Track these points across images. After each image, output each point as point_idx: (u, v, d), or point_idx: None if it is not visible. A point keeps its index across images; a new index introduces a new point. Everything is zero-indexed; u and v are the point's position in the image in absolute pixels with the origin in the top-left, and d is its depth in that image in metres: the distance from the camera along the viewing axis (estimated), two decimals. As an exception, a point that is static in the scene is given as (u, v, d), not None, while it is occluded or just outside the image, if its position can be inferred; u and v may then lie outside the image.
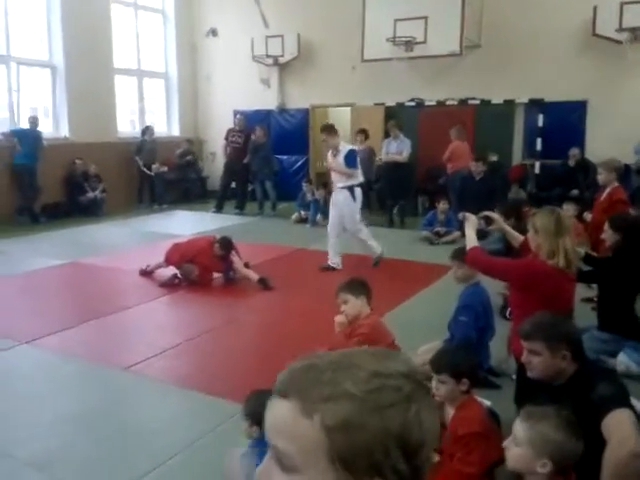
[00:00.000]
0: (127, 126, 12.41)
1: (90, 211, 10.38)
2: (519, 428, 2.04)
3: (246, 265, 6.29)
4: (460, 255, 3.69)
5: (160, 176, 11.43)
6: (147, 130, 11.47)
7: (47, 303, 5.66)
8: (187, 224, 9.64)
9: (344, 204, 6.61)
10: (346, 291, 3.40)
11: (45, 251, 7.67)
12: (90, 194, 10.50)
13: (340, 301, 3.40)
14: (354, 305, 3.36)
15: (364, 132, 9.82)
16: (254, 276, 6.07)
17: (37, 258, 7.22)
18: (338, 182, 6.66)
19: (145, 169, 11.24)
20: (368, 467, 0.69)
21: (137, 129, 12.25)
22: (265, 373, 3.83)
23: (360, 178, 6.71)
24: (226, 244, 6.16)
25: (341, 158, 6.50)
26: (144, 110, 12.63)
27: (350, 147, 6.69)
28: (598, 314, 4.11)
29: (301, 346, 3.99)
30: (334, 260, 6.70)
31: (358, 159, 6.69)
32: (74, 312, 5.35)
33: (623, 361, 3.72)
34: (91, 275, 6.66)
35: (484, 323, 3.73)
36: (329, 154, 6.74)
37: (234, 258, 6.20)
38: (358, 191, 6.63)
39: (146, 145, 11.33)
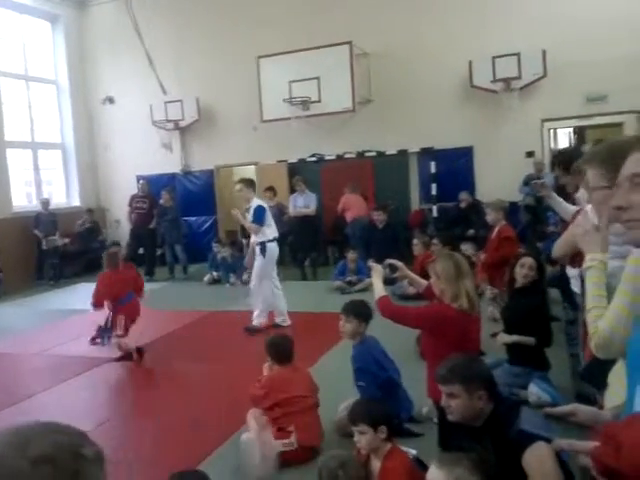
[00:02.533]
0: (23, 199, 11.90)
1: (-15, 292, 9.76)
2: (436, 474, 2.10)
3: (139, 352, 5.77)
4: (348, 309, 3.71)
5: (59, 249, 10.96)
6: (43, 202, 11.06)
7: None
8: (89, 297, 9.24)
9: (256, 260, 6.59)
10: (267, 352, 3.75)
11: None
12: (-15, 274, 9.90)
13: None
14: (268, 364, 3.79)
15: (272, 189, 10.03)
16: (131, 345, 5.71)
17: None
18: (252, 238, 6.67)
19: (44, 242, 10.77)
20: None
21: (34, 202, 11.79)
22: (186, 449, 3.75)
23: (270, 234, 6.61)
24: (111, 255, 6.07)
25: (250, 216, 6.53)
26: (40, 182, 12.20)
27: (258, 203, 6.61)
28: (507, 349, 4.32)
29: (224, 416, 3.94)
30: (258, 319, 6.57)
31: (268, 215, 6.61)
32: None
33: (534, 392, 3.91)
34: (-9, 362, 6.21)
35: (385, 377, 3.69)
36: (239, 214, 6.70)
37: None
38: (270, 246, 6.54)
39: (44, 217, 10.90)
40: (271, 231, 6.63)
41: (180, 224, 10.97)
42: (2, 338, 7.08)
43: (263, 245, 6.52)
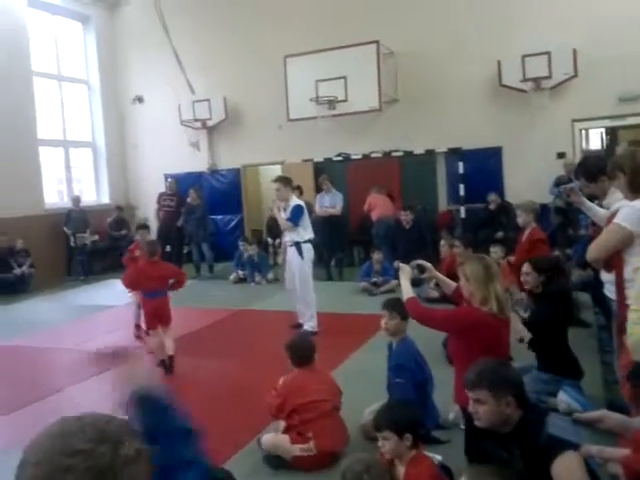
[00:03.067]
0: (54, 197, 12.13)
1: (17, 288, 9.96)
2: None
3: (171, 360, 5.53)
4: (392, 305, 3.69)
5: (87, 246, 11.13)
6: (74, 200, 11.25)
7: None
8: (120, 293, 9.37)
9: (293, 262, 6.41)
10: (287, 354, 3.67)
11: (-29, 335, 7.26)
12: (17, 270, 10.09)
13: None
14: (289, 365, 3.68)
15: (299, 188, 9.99)
16: (169, 348, 5.47)
17: (-38, 343, 6.82)
18: (286, 238, 6.56)
19: (72, 239, 10.95)
20: None
21: (65, 199, 12.00)
22: (212, 447, 3.76)
23: (307, 235, 6.43)
24: (151, 244, 5.84)
25: (287, 213, 6.33)
26: (71, 180, 12.41)
27: (297, 202, 6.43)
28: (536, 355, 4.22)
29: (249, 415, 3.95)
30: (310, 323, 6.39)
31: (305, 216, 6.44)
32: (3, 400, 5.05)
33: (563, 400, 3.82)
34: (21, 357, 6.33)
35: (421, 378, 3.68)
36: (276, 208, 6.52)
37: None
38: (306, 247, 6.37)
39: (74, 215, 11.09)
40: (307, 232, 6.45)
41: (207, 222, 11.04)
42: (33, 332, 7.23)
43: (299, 246, 6.35)
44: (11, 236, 10.19)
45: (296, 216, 6.29)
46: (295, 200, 6.45)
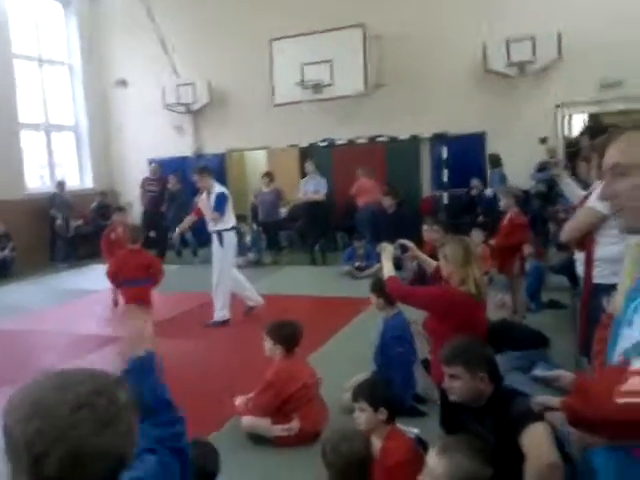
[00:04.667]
0: (36, 181, 12.01)
1: (-1, 272, 9.89)
2: (436, 462, 2.10)
3: None
4: (377, 286, 3.83)
5: (71, 230, 11.04)
6: (60, 184, 11.16)
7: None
8: (103, 278, 9.36)
9: (213, 249, 6.35)
10: (269, 335, 3.62)
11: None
12: (-2, 254, 10.02)
13: (264, 338, 3.64)
14: (270, 349, 3.61)
15: (269, 175, 10.16)
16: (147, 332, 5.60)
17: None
18: (209, 226, 6.40)
19: (62, 222, 10.85)
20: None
21: (48, 183, 11.89)
22: (194, 422, 3.79)
23: (229, 223, 6.35)
24: (134, 229, 5.76)
25: (211, 201, 6.23)
26: (54, 164, 12.29)
27: (220, 190, 6.31)
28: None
29: (231, 392, 4.00)
30: (220, 313, 6.30)
31: (229, 203, 6.33)
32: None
33: (539, 374, 3.93)
34: (4, 340, 6.32)
35: (413, 348, 3.91)
36: (203, 196, 6.41)
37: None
38: (228, 236, 6.28)
39: (59, 199, 11.00)
40: (230, 220, 6.37)
41: (188, 208, 10.98)
42: (17, 316, 7.20)
43: (220, 234, 6.23)
44: (-8, 220, 10.10)
45: (220, 204, 6.17)
46: (218, 188, 6.33)
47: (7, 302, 8.14)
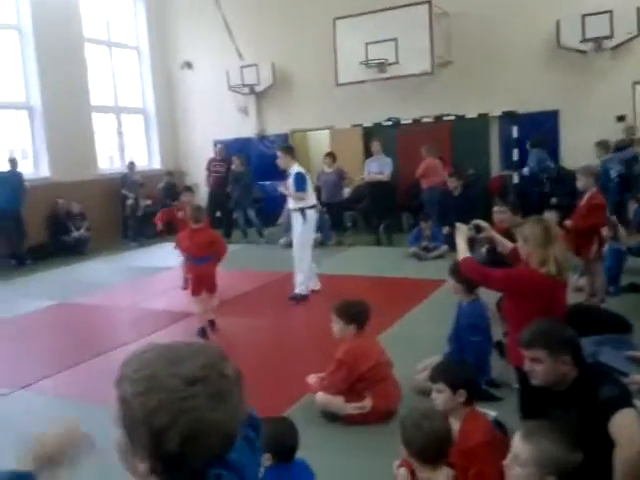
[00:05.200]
0: (106, 162, 12.42)
1: (75, 250, 10.32)
2: (521, 448, 2.04)
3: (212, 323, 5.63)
4: (457, 270, 3.70)
5: (140, 209, 11.39)
6: (130, 165, 11.52)
7: (40, 345, 5.63)
8: (173, 255, 9.62)
9: (294, 226, 6.55)
10: (338, 315, 3.60)
11: (34, 293, 7.62)
12: (75, 233, 10.45)
13: (333, 320, 3.62)
14: (341, 329, 3.58)
15: (331, 155, 10.10)
16: (211, 313, 5.61)
17: (27, 301, 7.16)
18: (290, 204, 6.66)
19: (133, 201, 11.20)
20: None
21: (117, 165, 12.29)
22: (269, 400, 3.88)
23: (311, 201, 6.58)
24: (197, 209, 5.79)
25: (290, 181, 6.48)
26: (123, 146, 12.68)
27: (298, 170, 6.50)
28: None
29: (303, 369, 4.04)
30: (301, 287, 6.48)
31: (308, 182, 6.56)
32: (67, 354, 5.29)
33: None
34: (82, 314, 6.62)
35: (490, 337, 3.84)
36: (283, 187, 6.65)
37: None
38: (310, 213, 6.49)
39: (129, 179, 11.37)
40: (311, 198, 6.60)
41: (252, 189, 11.14)
42: (93, 292, 7.51)
43: (303, 211, 6.43)
44: (67, 200, 10.53)
45: (300, 183, 6.39)
46: (295, 168, 6.52)
47: (83, 279, 8.51)
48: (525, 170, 9.39)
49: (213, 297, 5.66)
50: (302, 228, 6.45)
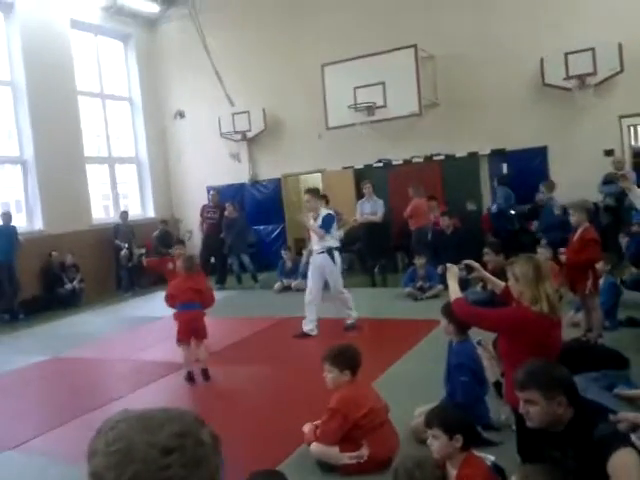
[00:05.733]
0: (101, 212, 12.47)
1: (69, 302, 10.25)
2: None
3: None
4: (448, 310, 3.66)
5: (134, 259, 11.36)
6: (123, 214, 11.57)
7: (31, 403, 5.50)
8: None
9: (325, 267, 6.70)
10: (330, 363, 3.51)
11: (26, 348, 7.52)
12: (68, 285, 10.39)
13: (325, 370, 3.52)
14: (335, 377, 3.50)
15: (324, 197, 10.09)
16: (202, 361, 5.53)
17: (18, 356, 7.05)
18: (316, 246, 6.79)
19: (126, 251, 11.20)
20: None
21: (112, 214, 12.33)
22: (263, 450, 3.78)
23: (336, 242, 6.88)
24: (188, 259, 5.81)
25: (318, 222, 6.68)
26: (118, 195, 12.76)
27: (328, 211, 6.89)
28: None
29: (299, 419, 3.94)
30: (309, 326, 6.74)
31: (334, 225, 6.87)
32: (59, 410, 5.16)
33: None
34: (75, 369, 6.50)
35: (480, 378, 3.74)
36: (309, 215, 6.91)
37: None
38: (336, 254, 6.79)
39: (122, 229, 11.39)
40: (336, 240, 6.91)
41: (246, 235, 11.16)
42: (86, 344, 7.42)
43: (331, 252, 6.70)
44: (61, 252, 10.51)
45: (328, 224, 6.69)
46: (325, 210, 6.91)
47: (77, 332, 8.40)
48: (494, 207, 9.57)
49: (202, 344, 5.57)
50: (333, 267, 6.72)
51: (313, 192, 6.95)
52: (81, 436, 4.39)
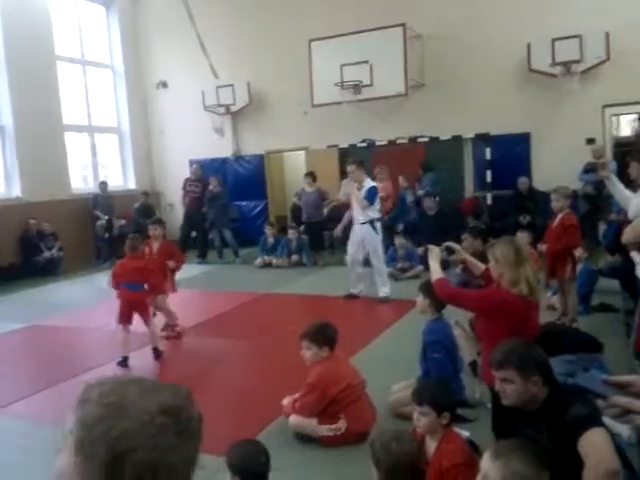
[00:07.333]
0: (80, 182, 12.29)
1: (47, 271, 10.14)
2: (491, 467, 2.04)
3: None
4: (425, 287, 3.75)
5: (111, 230, 11.26)
6: (102, 185, 11.41)
7: (10, 369, 5.48)
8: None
9: (366, 237, 6.89)
10: (311, 340, 3.55)
11: (2, 315, 7.44)
12: (46, 253, 10.27)
13: (304, 347, 3.56)
14: (315, 354, 3.54)
15: (311, 175, 10.13)
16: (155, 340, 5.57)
17: (-4, 323, 7.00)
18: (359, 216, 6.93)
19: (103, 221, 11.08)
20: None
21: (91, 184, 12.16)
22: (243, 421, 3.83)
23: (378, 213, 7.07)
24: (132, 239, 5.69)
25: (363, 193, 6.81)
26: (97, 165, 12.56)
27: (372, 184, 7.00)
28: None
29: (277, 391, 3.99)
30: (359, 288, 7.08)
31: (378, 196, 7.03)
32: (39, 376, 5.18)
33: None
34: (52, 336, 6.48)
35: (454, 356, 3.81)
36: (355, 186, 6.97)
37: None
38: (378, 225, 6.99)
39: (101, 199, 11.25)
40: (377, 212, 7.06)
41: (229, 210, 11.10)
42: (63, 313, 7.37)
43: (373, 223, 6.86)
44: (39, 220, 10.37)
45: (372, 196, 6.82)
46: (369, 182, 6.99)
47: (55, 300, 8.36)
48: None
49: (150, 325, 5.53)
50: (375, 237, 6.92)
51: (358, 163, 7.04)
52: (62, 401, 4.42)
